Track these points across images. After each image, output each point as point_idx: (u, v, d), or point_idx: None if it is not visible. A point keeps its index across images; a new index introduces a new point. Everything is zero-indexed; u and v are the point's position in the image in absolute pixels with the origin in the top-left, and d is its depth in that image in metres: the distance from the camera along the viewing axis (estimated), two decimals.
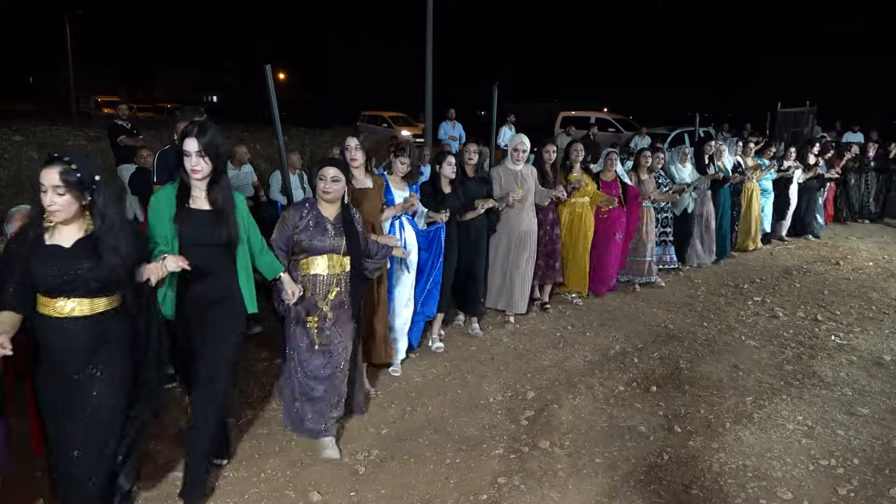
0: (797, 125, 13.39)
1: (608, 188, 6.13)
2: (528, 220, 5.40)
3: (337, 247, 3.32)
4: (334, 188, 3.30)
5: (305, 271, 3.34)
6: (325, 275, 3.32)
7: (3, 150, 11.51)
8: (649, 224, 6.60)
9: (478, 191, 5.06)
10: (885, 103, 21.44)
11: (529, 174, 5.41)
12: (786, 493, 3.17)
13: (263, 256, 3.16)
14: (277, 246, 3.29)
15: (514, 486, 3.18)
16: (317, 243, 3.28)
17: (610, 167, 6.27)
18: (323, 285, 3.33)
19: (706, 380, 4.50)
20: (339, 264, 3.34)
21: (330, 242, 3.30)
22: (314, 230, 3.29)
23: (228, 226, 2.90)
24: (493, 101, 6.18)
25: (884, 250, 8.79)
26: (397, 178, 4.40)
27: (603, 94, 33.25)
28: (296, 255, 3.34)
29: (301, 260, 3.34)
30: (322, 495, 3.07)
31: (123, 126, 8.42)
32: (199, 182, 2.86)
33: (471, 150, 5.14)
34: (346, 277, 3.37)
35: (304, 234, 3.28)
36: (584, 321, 5.63)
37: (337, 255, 3.33)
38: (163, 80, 47.81)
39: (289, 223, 3.31)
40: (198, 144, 2.78)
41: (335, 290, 3.35)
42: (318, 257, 3.31)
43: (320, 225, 3.31)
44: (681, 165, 7.14)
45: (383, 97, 27.45)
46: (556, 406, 4.04)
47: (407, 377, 4.41)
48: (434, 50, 14.28)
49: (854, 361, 4.90)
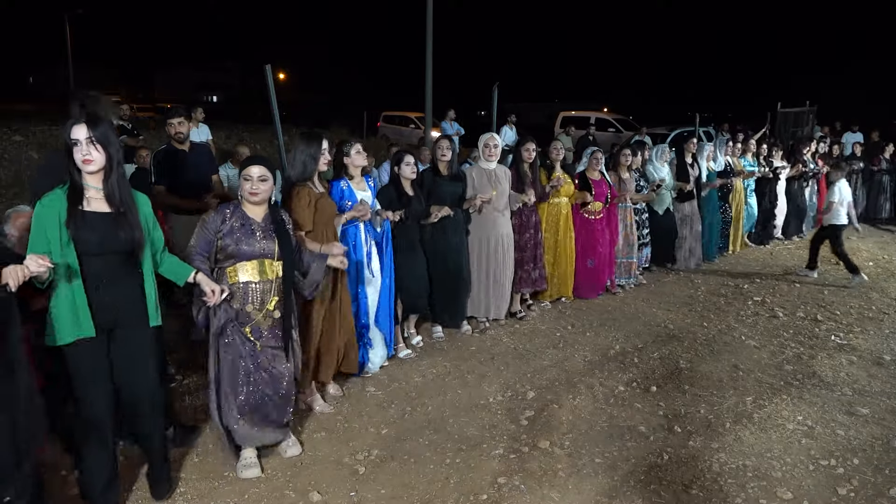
0: (797, 125, 13.39)
1: (598, 186, 6.02)
2: (504, 223, 5.15)
3: (268, 251, 3.06)
4: (262, 188, 3.06)
5: (233, 279, 3.05)
6: (257, 282, 3.05)
7: (3, 150, 11.49)
8: (632, 225, 6.49)
9: (451, 190, 4.82)
10: (885, 103, 21.41)
11: (504, 175, 5.16)
12: (786, 493, 3.17)
13: (168, 259, 2.85)
14: (196, 252, 3.00)
15: (514, 486, 3.18)
16: (244, 248, 3.02)
17: (595, 166, 6.11)
18: (256, 294, 3.06)
19: (706, 380, 4.50)
20: (271, 270, 3.08)
21: (259, 246, 3.04)
22: (240, 233, 3.02)
23: (132, 229, 2.58)
24: (493, 101, 6.18)
25: (884, 250, 8.79)
26: (357, 178, 4.19)
27: (603, 94, 33.26)
28: (221, 262, 3.07)
29: (227, 267, 3.05)
30: (322, 495, 3.07)
31: (124, 126, 8.42)
32: (92, 177, 2.52)
33: (443, 147, 4.86)
34: (279, 284, 3.13)
35: (228, 239, 3.01)
36: (584, 321, 5.63)
37: (269, 260, 3.07)
38: (163, 80, 47.84)
39: (210, 227, 3.03)
40: (87, 131, 2.45)
41: (274, 299, 3.09)
42: (246, 263, 3.04)
43: (247, 228, 3.05)
44: (659, 164, 7.01)
45: (384, 97, 27.41)
46: (556, 406, 4.04)
47: (407, 377, 4.41)
48: (434, 50, 14.28)
49: (854, 361, 4.90)
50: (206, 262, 3.01)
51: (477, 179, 5.07)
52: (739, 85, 32.39)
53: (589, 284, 6.13)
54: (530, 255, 5.47)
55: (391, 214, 4.31)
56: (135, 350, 2.72)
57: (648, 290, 6.60)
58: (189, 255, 2.99)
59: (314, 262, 3.34)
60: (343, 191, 4.13)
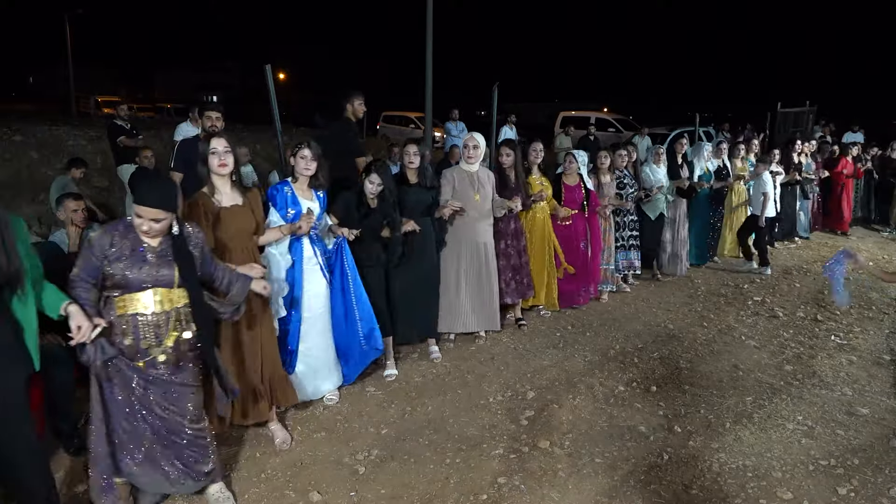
0: (797, 125, 13.40)
1: (571, 193, 5.64)
2: (484, 230, 4.79)
3: (165, 279, 2.58)
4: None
5: (122, 311, 2.56)
6: (150, 314, 2.57)
7: (3, 150, 11.49)
8: (609, 231, 6.13)
9: (419, 199, 4.40)
10: (885, 103, 21.44)
11: (487, 179, 4.81)
12: (786, 493, 3.17)
13: (45, 289, 2.45)
14: (80, 279, 2.52)
15: (514, 486, 3.18)
16: (132, 276, 2.52)
17: (570, 170, 5.71)
18: (150, 328, 2.58)
19: (706, 380, 4.50)
20: (169, 300, 2.60)
21: (152, 274, 2.55)
22: (130, 259, 2.53)
23: (8, 256, 2.23)
24: (493, 101, 6.18)
25: (884, 250, 8.80)
26: (302, 185, 3.68)
27: (603, 94, 33.26)
28: (109, 290, 2.58)
29: (116, 297, 2.57)
30: (322, 495, 3.07)
31: (122, 126, 8.42)
32: None
33: (410, 153, 4.41)
34: (185, 315, 2.66)
35: (115, 266, 2.51)
36: (585, 321, 5.63)
37: (165, 289, 2.59)
38: (163, 80, 47.83)
39: (95, 251, 2.52)
40: None
41: (173, 334, 2.62)
42: (138, 294, 2.56)
43: (138, 252, 2.55)
44: (655, 166, 6.70)
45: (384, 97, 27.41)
46: (556, 406, 4.03)
47: (407, 377, 4.40)
48: (434, 50, 14.28)
49: (854, 361, 4.90)
50: (91, 291, 2.55)
51: (458, 183, 4.70)
52: (739, 85, 32.40)
53: (566, 293, 5.78)
54: (512, 264, 5.17)
55: (347, 232, 3.85)
56: (6, 403, 2.33)
57: (648, 290, 6.60)
58: (71, 282, 2.53)
59: (237, 281, 2.89)
60: (287, 197, 3.64)
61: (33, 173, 10.14)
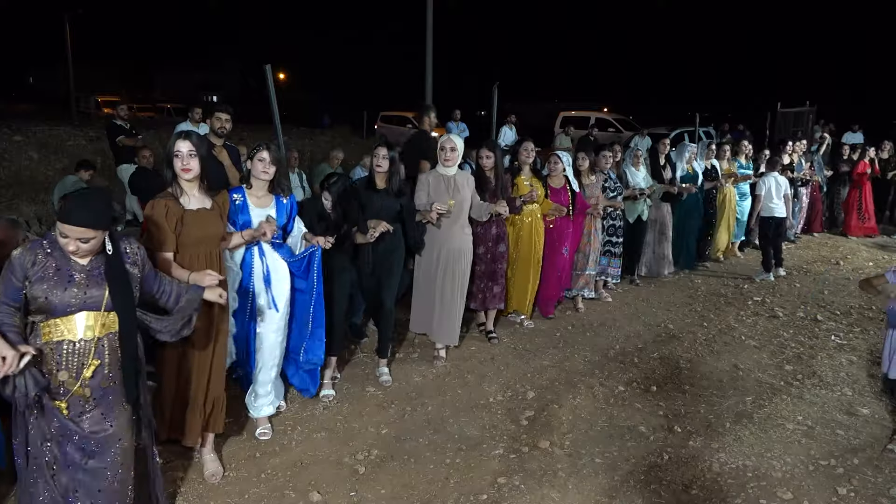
0: (797, 125, 13.41)
1: (556, 196, 5.34)
2: (460, 236, 4.49)
3: (94, 301, 2.29)
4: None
5: (47, 337, 2.28)
6: (78, 342, 2.28)
7: (3, 150, 11.50)
8: (594, 234, 5.82)
9: (385, 205, 4.11)
10: (885, 103, 21.43)
11: (465, 183, 4.50)
12: (786, 493, 3.17)
13: None
14: (2, 303, 2.25)
15: (514, 486, 3.18)
16: (56, 300, 2.23)
17: (555, 172, 5.45)
18: (75, 357, 2.28)
19: (706, 380, 4.50)
20: (101, 325, 2.31)
21: (79, 296, 2.26)
22: (55, 281, 2.24)
23: None
24: (493, 101, 6.18)
25: (884, 250, 8.80)
26: (259, 191, 3.43)
27: (603, 94, 33.25)
28: (34, 314, 2.30)
29: (40, 322, 2.29)
30: (322, 495, 3.07)
31: (122, 126, 8.43)
32: None
33: (379, 156, 4.10)
34: (113, 342, 2.35)
35: (38, 287, 2.23)
36: (585, 321, 5.63)
37: (96, 313, 2.30)
38: (163, 80, 47.79)
39: (17, 271, 2.24)
40: None
41: (94, 362, 2.30)
42: (63, 318, 2.27)
43: (63, 272, 2.26)
44: (634, 169, 6.46)
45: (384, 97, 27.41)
46: (556, 406, 4.03)
47: (407, 377, 4.40)
48: (434, 50, 14.29)
49: (854, 361, 4.90)
50: (13, 315, 2.27)
51: (433, 187, 4.42)
52: (739, 85, 32.37)
53: (544, 299, 5.56)
54: (489, 271, 4.91)
55: (322, 240, 3.58)
56: None
57: (648, 290, 6.60)
58: None
59: (186, 293, 2.61)
60: (236, 206, 3.38)
61: (33, 173, 10.16)
